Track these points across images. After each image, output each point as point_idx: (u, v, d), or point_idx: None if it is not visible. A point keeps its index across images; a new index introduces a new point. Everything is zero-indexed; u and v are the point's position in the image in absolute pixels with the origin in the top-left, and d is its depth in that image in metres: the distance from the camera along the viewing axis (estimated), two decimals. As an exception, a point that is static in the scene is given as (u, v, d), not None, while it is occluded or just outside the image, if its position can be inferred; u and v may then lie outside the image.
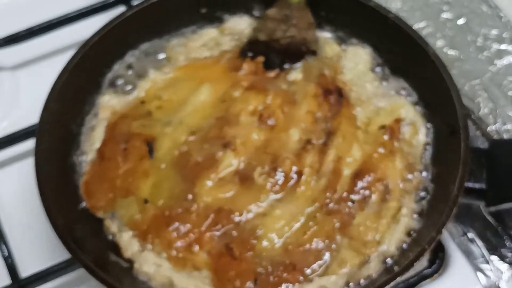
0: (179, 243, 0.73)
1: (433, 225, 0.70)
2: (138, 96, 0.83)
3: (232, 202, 0.75)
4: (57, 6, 0.96)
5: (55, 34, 0.95)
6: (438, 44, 0.96)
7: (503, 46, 0.96)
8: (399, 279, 0.68)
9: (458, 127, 0.74)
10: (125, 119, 0.81)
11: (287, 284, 0.72)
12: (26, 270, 0.78)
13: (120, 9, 0.96)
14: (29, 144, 0.84)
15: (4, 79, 0.96)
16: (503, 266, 0.79)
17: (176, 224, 0.74)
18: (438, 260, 0.78)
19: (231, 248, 0.73)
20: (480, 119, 0.89)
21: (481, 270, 0.79)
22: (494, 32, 0.97)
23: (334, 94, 0.82)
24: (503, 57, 0.95)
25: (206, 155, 0.78)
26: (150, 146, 0.79)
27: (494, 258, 0.80)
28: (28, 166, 0.74)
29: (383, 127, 0.80)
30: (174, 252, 0.73)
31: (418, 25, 0.98)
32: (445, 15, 1.00)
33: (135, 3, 0.95)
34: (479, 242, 0.81)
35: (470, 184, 0.72)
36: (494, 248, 0.80)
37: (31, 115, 0.81)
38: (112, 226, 0.75)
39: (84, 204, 0.76)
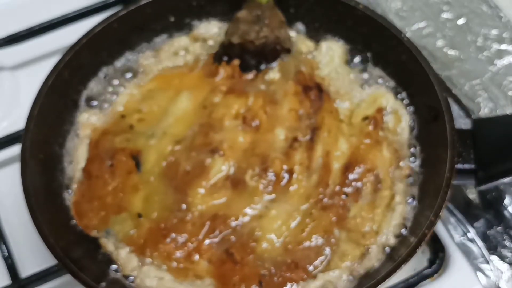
0: (178, 254, 0.73)
1: (429, 209, 0.71)
2: (117, 111, 0.83)
3: (226, 207, 0.75)
4: (57, 6, 0.96)
5: (55, 34, 0.95)
6: (438, 44, 0.96)
7: (503, 46, 0.96)
8: (402, 273, 0.68)
9: (442, 110, 0.75)
10: (107, 135, 0.80)
11: (291, 283, 0.72)
12: (26, 270, 0.78)
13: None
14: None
15: (4, 79, 0.96)
16: (503, 266, 0.79)
17: (173, 235, 0.73)
18: (438, 260, 0.78)
19: (231, 253, 0.73)
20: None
21: (481, 270, 0.79)
22: (494, 32, 0.97)
23: (314, 90, 0.83)
24: (503, 57, 0.95)
25: (194, 163, 0.77)
26: (137, 159, 0.78)
27: (494, 258, 0.80)
28: (28, 166, 0.74)
29: (366, 118, 0.81)
30: (174, 263, 0.73)
31: (418, 25, 0.98)
32: (445, 15, 0.99)
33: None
34: (479, 242, 0.81)
35: (460, 165, 0.73)
36: (494, 248, 0.80)
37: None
38: (108, 244, 0.74)
39: (77, 227, 0.75)
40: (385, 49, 0.82)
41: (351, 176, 0.77)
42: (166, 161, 0.78)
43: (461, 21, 0.99)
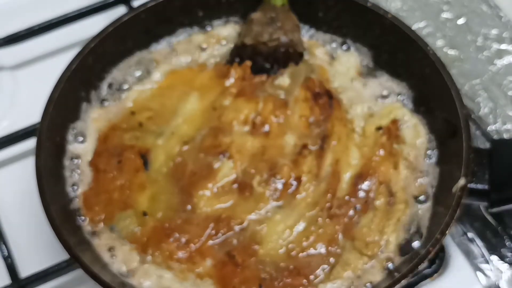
0: (180, 254, 0.73)
1: (437, 226, 0.70)
2: (127, 107, 0.82)
3: (231, 210, 0.75)
4: (57, 6, 0.96)
5: (55, 34, 0.95)
6: (438, 44, 0.96)
7: (503, 46, 0.96)
8: (403, 281, 0.67)
9: (460, 128, 0.73)
10: (116, 131, 0.80)
11: None
12: (26, 270, 0.78)
13: (120, 9, 0.96)
14: (29, 144, 0.84)
15: (4, 79, 0.96)
16: (503, 266, 0.79)
17: (176, 235, 0.73)
18: (438, 260, 0.78)
19: (233, 255, 0.72)
20: (480, 118, 0.89)
21: (481, 270, 0.79)
22: (494, 32, 0.97)
23: (324, 97, 0.82)
24: (503, 57, 0.95)
25: (202, 165, 0.77)
26: (145, 158, 0.78)
27: (494, 258, 0.80)
28: (28, 166, 0.73)
29: (380, 128, 0.79)
30: (175, 263, 0.72)
31: (418, 25, 0.98)
32: (445, 15, 0.99)
33: (135, 3, 0.96)
34: (479, 242, 0.81)
35: (473, 185, 0.71)
36: (494, 248, 0.80)
37: (31, 115, 0.81)
38: (111, 239, 0.74)
39: (82, 218, 0.75)
40: (409, 61, 0.81)
41: (361, 187, 0.76)
42: (173, 162, 0.78)
43: (461, 21, 0.99)
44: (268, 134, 0.79)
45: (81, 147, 0.79)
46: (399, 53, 0.82)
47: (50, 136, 0.75)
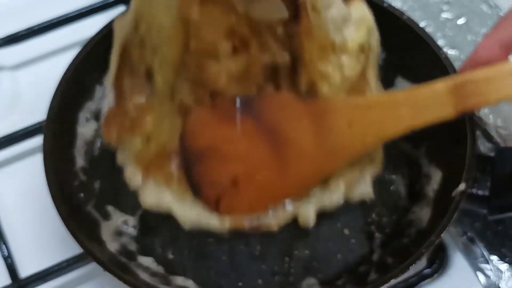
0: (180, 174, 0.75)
1: (433, 229, 0.70)
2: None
3: None
4: (57, 6, 0.96)
5: (55, 34, 0.95)
6: (438, 44, 0.96)
7: (503, 46, 0.96)
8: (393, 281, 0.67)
9: (466, 133, 0.73)
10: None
11: None
12: (26, 270, 0.78)
13: (120, 9, 0.96)
14: (29, 144, 0.84)
15: (4, 79, 0.96)
16: (503, 266, 0.79)
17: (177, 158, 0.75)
18: (438, 260, 0.78)
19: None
20: (480, 118, 0.89)
21: (481, 270, 0.79)
22: (494, 32, 0.97)
23: None
24: (503, 57, 0.95)
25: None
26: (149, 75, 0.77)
27: (494, 258, 0.80)
28: (28, 166, 0.74)
29: None
30: (175, 183, 0.75)
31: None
32: (445, 15, 1.00)
33: (135, 3, 0.96)
34: (479, 242, 0.81)
35: (473, 191, 0.71)
36: (494, 248, 0.80)
37: (31, 115, 0.81)
38: (121, 157, 0.77)
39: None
40: (419, 64, 0.80)
41: None
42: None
43: (461, 21, 0.99)
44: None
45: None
46: (410, 55, 0.81)
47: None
